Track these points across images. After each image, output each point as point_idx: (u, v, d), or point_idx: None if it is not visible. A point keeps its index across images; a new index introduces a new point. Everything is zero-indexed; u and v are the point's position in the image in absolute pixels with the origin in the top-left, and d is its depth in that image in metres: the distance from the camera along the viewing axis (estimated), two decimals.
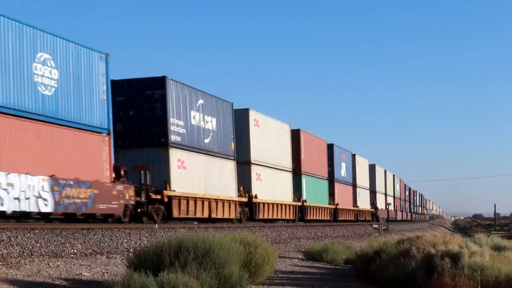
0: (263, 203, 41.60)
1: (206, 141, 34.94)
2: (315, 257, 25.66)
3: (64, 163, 24.12)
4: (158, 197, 29.74)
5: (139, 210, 28.80)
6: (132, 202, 27.70)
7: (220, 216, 35.53)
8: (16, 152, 21.98)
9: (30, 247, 18.06)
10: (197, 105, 34.07)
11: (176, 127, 31.80)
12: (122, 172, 27.64)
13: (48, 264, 15.98)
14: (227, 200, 36.41)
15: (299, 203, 48.93)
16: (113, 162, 27.35)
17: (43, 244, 18.62)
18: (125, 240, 22.26)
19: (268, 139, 43.55)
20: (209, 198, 34.30)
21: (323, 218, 55.62)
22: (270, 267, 16.05)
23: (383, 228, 59.18)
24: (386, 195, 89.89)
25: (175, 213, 31.10)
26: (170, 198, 30.51)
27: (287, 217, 46.32)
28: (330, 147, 60.22)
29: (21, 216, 22.47)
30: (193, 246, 13.58)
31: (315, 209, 53.21)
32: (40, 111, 23.15)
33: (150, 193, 29.32)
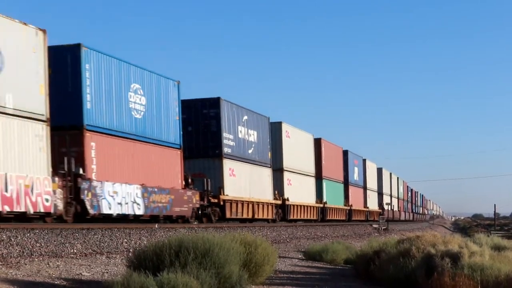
0: (294, 205, 47.73)
1: (250, 151, 40.86)
2: (315, 257, 25.67)
3: (150, 174, 29.31)
4: (216, 201, 35.60)
5: (199, 212, 33.81)
6: (197, 206, 33.22)
7: (260, 216, 41.51)
8: (118, 165, 27.15)
9: (30, 247, 18.07)
10: (243, 120, 39.93)
11: (227, 140, 37.46)
12: (189, 180, 33.09)
13: (48, 264, 15.99)
14: (266, 202, 42.66)
15: (321, 205, 55.41)
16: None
17: (43, 244, 18.62)
18: (125, 240, 22.27)
19: (296, 148, 49.81)
20: (252, 201, 40.33)
21: (340, 218, 61.83)
22: (270, 267, 16.05)
23: (383, 228, 59.15)
24: (391, 196, 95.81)
25: (228, 214, 36.77)
26: (224, 201, 36.34)
27: (312, 217, 52.22)
28: (345, 153, 66.33)
29: (121, 218, 27.18)
30: (193, 246, 13.58)
31: (334, 210, 59.90)
32: (133, 132, 28.50)
33: (210, 198, 34.95)
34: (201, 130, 36.46)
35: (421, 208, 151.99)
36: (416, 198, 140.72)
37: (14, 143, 21.82)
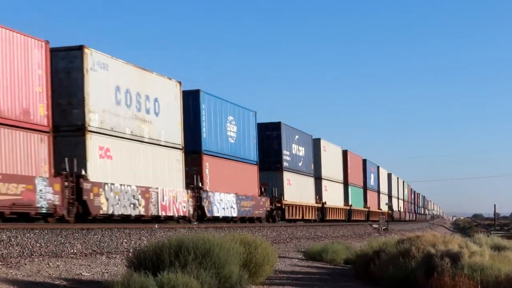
0: (330, 208, 58.07)
1: (300, 164, 50.32)
2: (315, 257, 25.65)
3: (239, 184, 37.96)
4: (279, 205, 45.10)
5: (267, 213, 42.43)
6: (268, 209, 42.68)
7: (307, 217, 50.98)
8: (221, 179, 35.39)
9: (30, 247, 18.07)
10: (295, 139, 49.57)
11: (285, 156, 46.96)
12: (262, 189, 42.28)
13: (48, 264, 15.98)
14: (311, 206, 52.60)
15: (348, 207, 65.73)
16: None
17: (43, 244, 18.62)
18: (125, 240, 22.27)
19: (330, 159, 60.34)
20: (302, 205, 50.10)
21: (361, 218, 71.38)
22: (270, 267, 16.05)
23: (383, 228, 59.13)
24: (397, 198, 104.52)
25: (287, 216, 46.38)
26: (285, 205, 45.94)
27: (341, 218, 61.82)
28: (364, 162, 76.86)
29: (222, 219, 35.52)
30: (193, 246, 13.58)
31: (357, 212, 70.03)
32: (229, 153, 37.16)
33: (276, 203, 44.25)
34: (265, 148, 44.67)
35: (422, 208, 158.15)
36: (418, 200, 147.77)
37: (165, 166, 30.31)
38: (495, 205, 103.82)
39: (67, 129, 25.13)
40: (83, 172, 24.67)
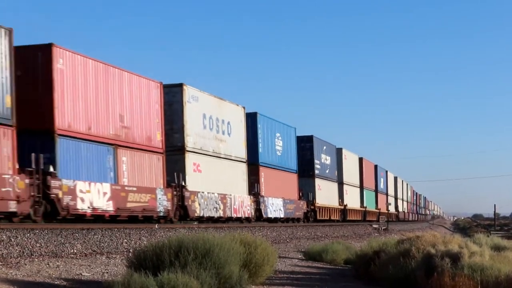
0: (350, 209, 66.00)
1: (327, 171, 58.55)
2: (315, 257, 25.65)
3: (284, 190, 45.19)
4: (313, 207, 53.05)
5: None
6: (305, 211, 50.55)
7: (333, 218, 59.47)
8: (272, 186, 42.91)
9: (30, 247, 18.07)
10: (323, 149, 57.75)
11: (316, 165, 54.86)
12: (300, 194, 49.69)
13: (48, 264, 15.98)
14: (336, 208, 61.31)
15: (363, 209, 74.02)
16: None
17: (43, 244, 18.62)
18: (125, 240, 22.27)
19: (350, 166, 68.51)
20: (330, 207, 58.69)
21: (372, 219, 76.93)
22: (270, 267, 16.05)
23: (383, 228, 59.15)
24: (401, 200, 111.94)
25: (318, 216, 54.42)
26: (317, 208, 54.09)
27: (358, 218, 69.66)
28: (375, 167, 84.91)
29: (274, 220, 43.04)
30: (193, 246, 13.58)
31: (370, 213, 77.71)
32: (277, 164, 44.66)
33: (310, 205, 52.18)
34: (300, 158, 50.81)
35: (423, 209, 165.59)
36: (420, 200, 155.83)
37: (235, 176, 37.49)
38: (495, 205, 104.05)
39: (170, 149, 31.19)
40: (183, 183, 31.19)
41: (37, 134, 23.51)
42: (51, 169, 23.31)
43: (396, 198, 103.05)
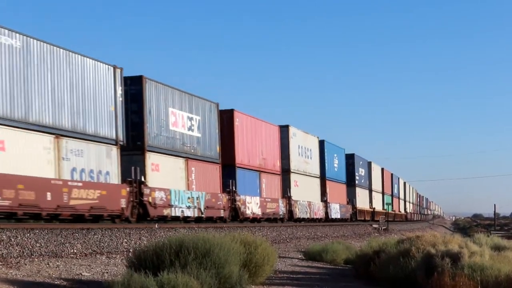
0: (360, 210, 71.24)
1: (362, 181, 71.11)
2: (315, 257, 25.63)
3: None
4: (355, 210, 66.28)
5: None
6: (351, 212, 64.40)
7: (366, 218, 71.43)
8: (333, 194, 56.48)
9: (30, 247, 18.06)
10: (360, 164, 71.13)
11: (357, 176, 67.85)
12: (347, 200, 63.09)
13: (48, 264, 15.98)
14: (367, 210, 73.44)
15: (384, 211, 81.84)
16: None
17: (43, 244, 18.61)
18: (125, 240, 22.25)
19: (376, 176, 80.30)
20: (364, 210, 71.30)
21: (390, 219, 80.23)
22: (270, 267, 16.05)
23: (382, 228, 59.13)
24: (409, 202, 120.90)
25: (358, 217, 67.45)
26: (357, 210, 67.20)
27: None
28: (392, 175, 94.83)
29: (335, 220, 55.76)
30: (193, 246, 13.57)
31: (389, 214, 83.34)
32: (335, 177, 57.46)
33: (354, 209, 65.51)
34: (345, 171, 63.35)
35: (426, 209, 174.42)
36: (422, 202, 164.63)
37: (314, 188, 52.25)
38: (495, 205, 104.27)
39: (284, 171, 45.31)
40: (288, 194, 45.48)
41: (228, 166, 36.33)
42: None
43: (404, 201, 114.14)
